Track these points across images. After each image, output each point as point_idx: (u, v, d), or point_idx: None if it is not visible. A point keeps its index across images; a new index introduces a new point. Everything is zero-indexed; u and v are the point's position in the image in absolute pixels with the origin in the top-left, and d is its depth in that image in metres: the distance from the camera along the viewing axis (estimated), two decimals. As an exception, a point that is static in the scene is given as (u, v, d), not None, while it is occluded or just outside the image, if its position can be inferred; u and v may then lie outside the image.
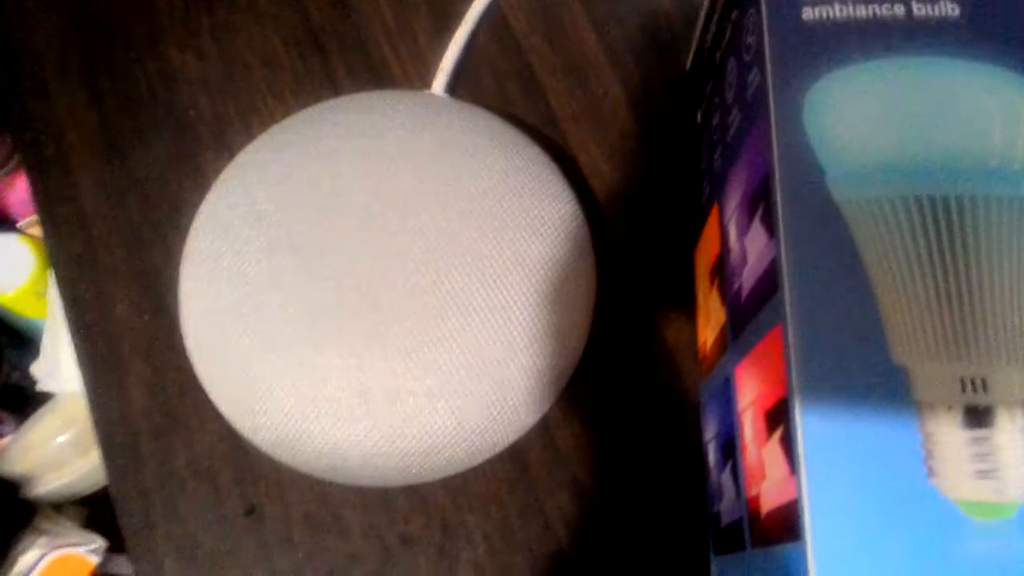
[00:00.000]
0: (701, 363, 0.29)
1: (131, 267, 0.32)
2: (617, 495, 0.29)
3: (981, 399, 0.18)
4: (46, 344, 0.54)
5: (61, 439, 0.53)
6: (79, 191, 0.34)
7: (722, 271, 0.25)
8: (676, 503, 0.29)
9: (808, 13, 0.21)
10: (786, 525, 0.19)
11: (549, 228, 0.27)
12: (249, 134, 0.34)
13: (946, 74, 0.20)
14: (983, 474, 0.17)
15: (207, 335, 0.26)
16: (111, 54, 0.35)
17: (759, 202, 0.21)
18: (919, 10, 0.21)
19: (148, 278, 0.32)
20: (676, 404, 0.30)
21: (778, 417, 0.19)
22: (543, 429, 0.30)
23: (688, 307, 0.31)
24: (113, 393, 0.31)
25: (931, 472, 0.17)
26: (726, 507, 0.25)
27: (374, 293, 0.25)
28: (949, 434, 0.17)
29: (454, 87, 0.34)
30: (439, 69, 0.33)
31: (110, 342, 0.32)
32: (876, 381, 0.18)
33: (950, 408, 0.18)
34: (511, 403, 0.26)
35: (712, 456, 0.27)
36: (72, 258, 0.33)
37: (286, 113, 0.34)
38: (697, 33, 0.30)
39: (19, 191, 0.59)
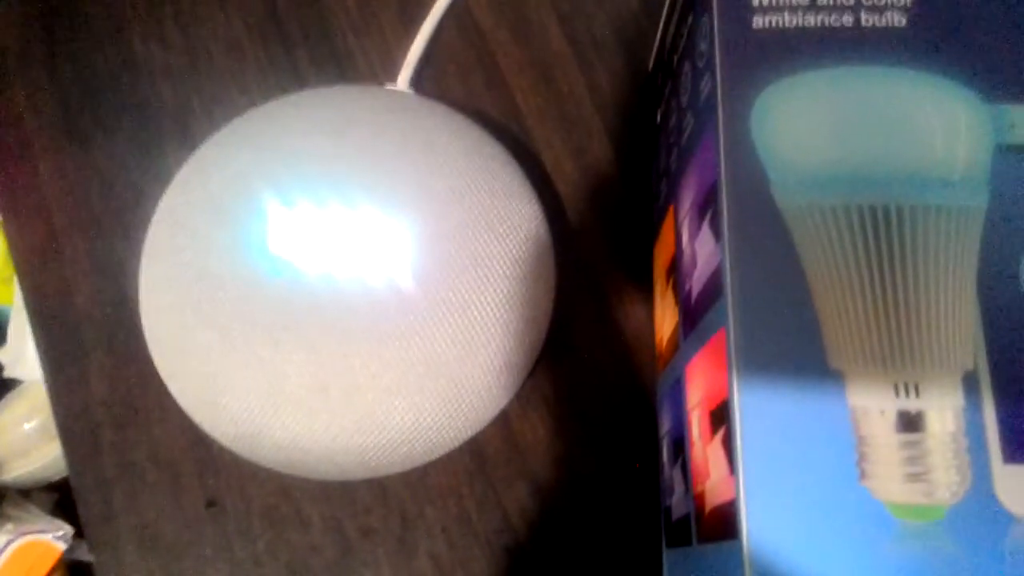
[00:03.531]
0: (657, 359, 0.30)
1: (93, 258, 0.32)
2: (575, 488, 0.29)
3: (914, 404, 0.18)
4: (12, 331, 0.53)
5: (28, 426, 0.53)
6: (40, 180, 0.33)
7: (676, 271, 0.26)
8: (632, 497, 0.29)
9: (758, 22, 0.21)
10: (726, 523, 0.19)
11: (508, 227, 0.27)
12: (212, 124, 0.34)
13: (891, 84, 0.20)
14: (914, 477, 0.18)
15: (167, 331, 0.26)
16: (73, 42, 0.35)
17: (708, 207, 0.21)
18: (867, 20, 0.21)
19: (110, 269, 0.32)
20: (633, 399, 0.30)
21: (721, 418, 0.20)
22: (502, 422, 0.30)
23: (647, 304, 0.31)
24: (74, 384, 0.31)
25: (864, 474, 0.18)
26: (676, 502, 0.25)
27: (333, 290, 0.25)
28: (882, 437, 0.18)
29: (419, 81, 0.34)
30: (404, 63, 0.33)
31: (71, 333, 0.32)
32: (813, 385, 0.18)
33: (883, 412, 0.18)
34: (468, 400, 0.26)
35: (665, 451, 0.27)
36: (33, 248, 0.33)
37: (250, 103, 0.34)
38: (658, 35, 0.30)
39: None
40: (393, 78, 0.33)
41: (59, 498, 0.58)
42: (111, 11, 0.35)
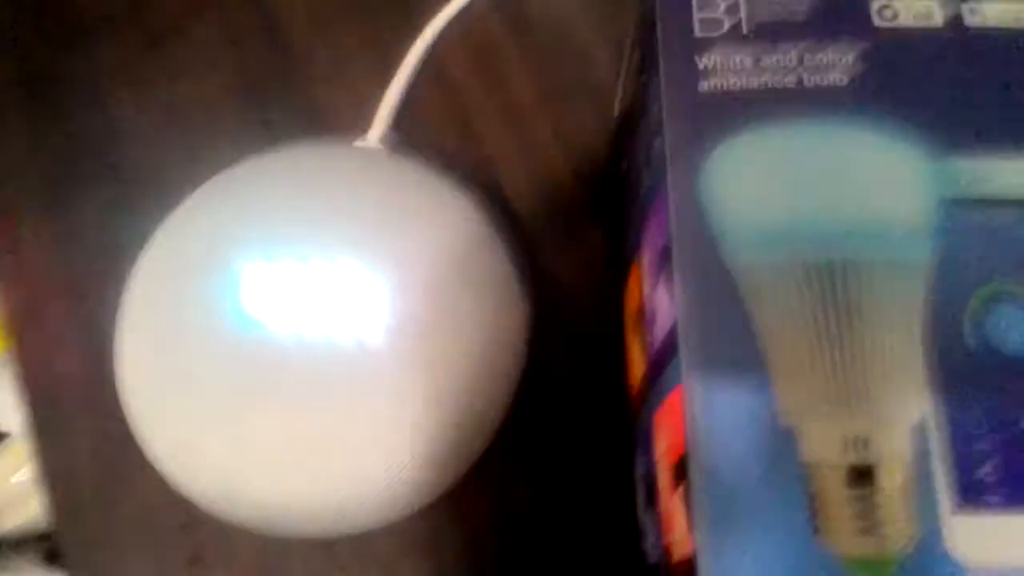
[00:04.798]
0: (632, 402, 0.30)
1: (73, 319, 0.33)
2: (557, 538, 0.30)
3: (863, 457, 0.19)
4: (-2, 384, 0.54)
5: (17, 478, 0.53)
6: (20, 243, 0.34)
7: (642, 321, 0.26)
8: (609, 538, 0.30)
9: (704, 85, 0.22)
10: (688, 578, 0.20)
11: (480, 281, 0.28)
12: (189, 183, 0.34)
13: (834, 141, 0.21)
14: (865, 531, 0.18)
15: (141, 392, 0.27)
16: (51, 103, 0.36)
17: (663, 265, 0.22)
18: (809, 80, 0.22)
19: (90, 330, 0.33)
20: (611, 443, 0.31)
21: (682, 472, 0.20)
22: (480, 473, 0.30)
23: (623, 348, 0.32)
24: (57, 445, 0.32)
25: (817, 529, 0.18)
26: (650, 547, 0.26)
27: (303, 347, 0.26)
28: (833, 493, 0.18)
29: (391, 131, 0.35)
30: (376, 117, 0.34)
31: (53, 394, 0.32)
32: (766, 442, 0.19)
33: (833, 468, 0.19)
34: (441, 455, 0.26)
35: (640, 494, 0.28)
36: (16, 311, 0.33)
37: (225, 161, 0.35)
38: (619, 89, 0.31)
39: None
40: (366, 130, 0.34)
41: (51, 547, 0.58)
42: (88, 73, 0.36)
